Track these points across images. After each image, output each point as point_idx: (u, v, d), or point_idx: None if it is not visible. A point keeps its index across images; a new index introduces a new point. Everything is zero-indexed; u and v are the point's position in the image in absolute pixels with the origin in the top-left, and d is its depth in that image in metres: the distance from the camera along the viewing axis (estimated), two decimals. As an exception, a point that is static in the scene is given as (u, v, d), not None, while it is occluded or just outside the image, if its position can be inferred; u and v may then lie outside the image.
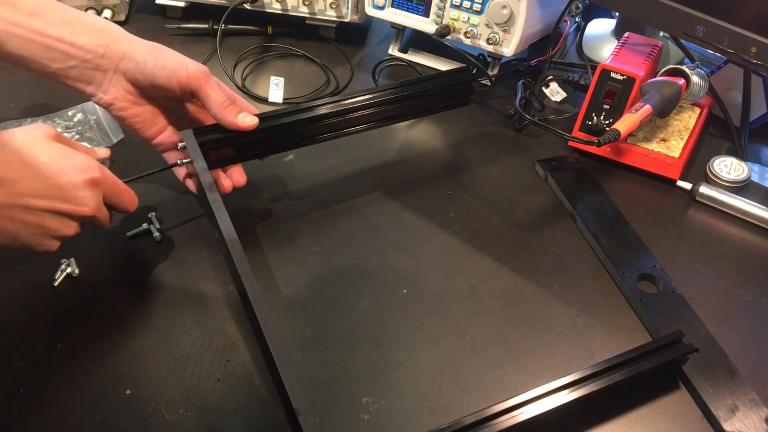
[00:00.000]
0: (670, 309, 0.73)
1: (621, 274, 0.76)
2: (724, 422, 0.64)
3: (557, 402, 0.61)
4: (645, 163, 0.89)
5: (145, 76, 0.70)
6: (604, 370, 0.64)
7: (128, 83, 0.71)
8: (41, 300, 0.71)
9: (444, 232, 0.82)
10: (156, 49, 0.71)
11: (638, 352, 0.65)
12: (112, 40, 0.69)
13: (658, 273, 0.77)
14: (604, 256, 0.78)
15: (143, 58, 0.69)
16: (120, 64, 0.70)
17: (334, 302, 0.73)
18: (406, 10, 1.02)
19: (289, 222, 0.82)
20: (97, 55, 0.69)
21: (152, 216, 0.79)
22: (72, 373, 0.65)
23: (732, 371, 0.68)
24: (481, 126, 0.97)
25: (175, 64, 0.70)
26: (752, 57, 0.79)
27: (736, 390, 0.66)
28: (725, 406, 0.65)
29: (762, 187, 0.89)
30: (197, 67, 0.70)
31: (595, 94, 0.89)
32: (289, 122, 0.77)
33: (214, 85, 0.71)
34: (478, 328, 0.72)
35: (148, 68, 0.69)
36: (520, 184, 0.89)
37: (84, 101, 0.95)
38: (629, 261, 0.78)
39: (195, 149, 0.71)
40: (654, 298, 0.74)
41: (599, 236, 0.80)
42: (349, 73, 1.05)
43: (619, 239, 0.80)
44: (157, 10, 1.13)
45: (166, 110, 0.75)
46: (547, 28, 1.05)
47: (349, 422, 0.63)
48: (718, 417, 0.64)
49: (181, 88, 0.70)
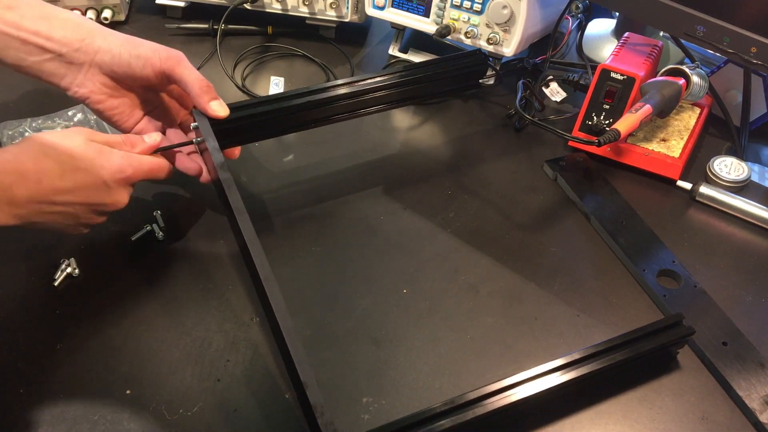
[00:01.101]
0: (694, 304, 0.73)
1: (641, 271, 0.76)
2: (760, 414, 0.64)
3: (549, 384, 0.62)
4: (645, 163, 0.89)
5: (120, 67, 0.71)
6: (605, 350, 0.64)
7: (104, 76, 0.72)
8: (41, 300, 0.71)
9: (444, 232, 0.82)
10: (130, 39, 0.72)
11: (637, 333, 0.66)
12: (88, 35, 0.70)
13: (678, 268, 0.77)
14: (622, 254, 0.78)
15: (118, 49, 0.70)
16: (95, 58, 0.70)
17: (334, 302, 0.73)
18: (407, 10, 1.02)
19: (289, 222, 0.82)
20: (72, 49, 0.69)
21: (157, 214, 0.79)
22: (72, 373, 0.65)
23: (762, 363, 0.68)
24: (481, 126, 0.97)
25: (148, 51, 0.71)
26: (752, 57, 0.79)
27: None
28: (759, 398, 0.65)
29: (762, 187, 0.89)
30: (171, 51, 0.72)
31: (595, 94, 0.89)
32: (292, 105, 0.80)
33: (188, 65, 0.72)
34: (478, 328, 0.72)
35: (123, 59, 0.70)
36: (520, 183, 0.89)
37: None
38: (648, 257, 0.78)
39: (207, 129, 0.72)
40: (676, 294, 0.75)
41: (616, 234, 0.80)
42: (349, 73, 1.05)
43: (636, 236, 0.80)
44: (157, 10, 1.13)
45: (143, 101, 0.76)
46: (548, 28, 1.05)
47: (350, 422, 0.63)
48: (753, 409, 0.64)
49: (156, 75, 0.71)
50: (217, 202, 0.78)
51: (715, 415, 0.65)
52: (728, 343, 0.70)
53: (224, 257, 0.76)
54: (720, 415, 0.65)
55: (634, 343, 0.65)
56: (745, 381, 0.67)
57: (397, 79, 0.85)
